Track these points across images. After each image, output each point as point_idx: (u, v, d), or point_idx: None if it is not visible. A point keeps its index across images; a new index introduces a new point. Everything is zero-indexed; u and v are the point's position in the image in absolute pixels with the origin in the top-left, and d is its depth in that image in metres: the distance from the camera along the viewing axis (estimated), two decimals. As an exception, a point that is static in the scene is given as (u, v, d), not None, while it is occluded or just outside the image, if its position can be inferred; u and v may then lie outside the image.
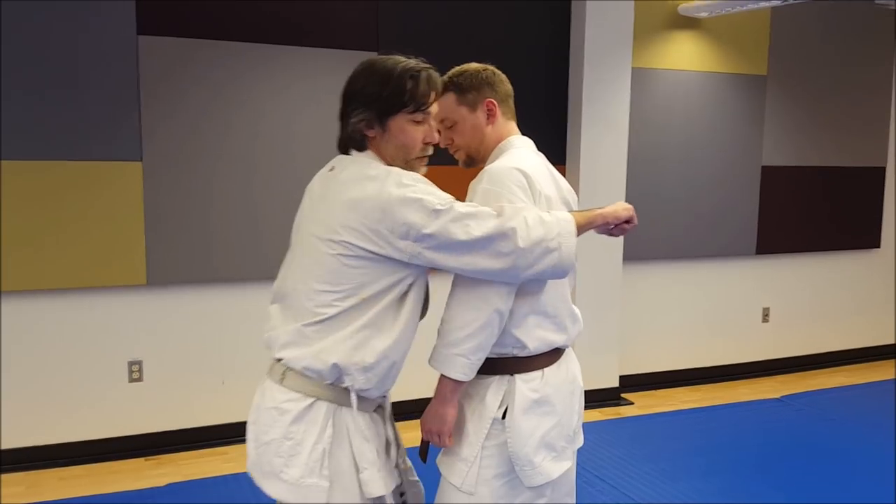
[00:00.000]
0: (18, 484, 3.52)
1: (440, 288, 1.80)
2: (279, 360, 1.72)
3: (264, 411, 1.72)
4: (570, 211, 1.90)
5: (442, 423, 1.81)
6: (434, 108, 1.78)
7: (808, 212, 5.48)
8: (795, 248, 5.51)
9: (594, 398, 4.76)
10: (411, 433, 2.10)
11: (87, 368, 3.79)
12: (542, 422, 1.84)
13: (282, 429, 1.68)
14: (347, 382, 1.68)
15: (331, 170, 1.80)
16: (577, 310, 1.99)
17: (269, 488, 1.70)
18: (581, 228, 1.79)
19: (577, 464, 3.62)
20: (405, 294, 1.71)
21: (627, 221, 1.88)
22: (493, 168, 1.82)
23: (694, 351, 5.30)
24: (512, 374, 1.85)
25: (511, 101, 2.00)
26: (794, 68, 5.28)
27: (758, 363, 5.52)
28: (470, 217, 1.65)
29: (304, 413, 1.68)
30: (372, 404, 1.79)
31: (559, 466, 1.88)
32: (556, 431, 1.87)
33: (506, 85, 1.98)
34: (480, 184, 1.79)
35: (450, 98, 1.93)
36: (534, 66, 4.53)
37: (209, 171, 3.87)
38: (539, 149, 2.00)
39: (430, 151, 1.81)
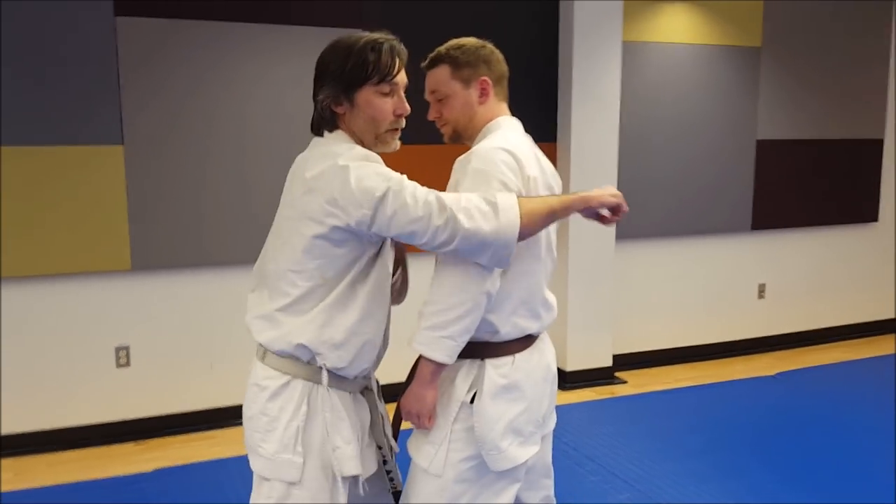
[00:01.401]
0: (7, 470, 3.52)
1: (421, 270, 1.77)
2: (259, 342, 1.78)
3: (249, 388, 1.80)
4: (551, 195, 1.86)
5: (422, 405, 1.80)
6: (400, 79, 1.76)
7: (804, 186, 5.41)
8: (792, 223, 5.44)
9: (587, 377, 4.73)
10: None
11: (74, 354, 3.78)
12: (511, 407, 1.83)
13: (260, 405, 1.74)
14: (320, 361, 1.72)
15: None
16: (551, 298, 1.97)
17: (251, 462, 1.77)
18: (557, 213, 1.76)
19: (566, 444, 3.65)
20: (367, 270, 1.73)
21: (616, 209, 1.81)
22: (481, 148, 1.80)
23: (689, 329, 5.26)
24: (482, 359, 1.84)
25: (505, 83, 1.97)
26: (789, 39, 5.19)
27: (754, 340, 5.48)
28: (418, 189, 1.66)
29: (280, 390, 1.73)
30: (354, 384, 1.81)
31: (525, 451, 1.87)
32: (525, 417, 1.86)
33: (502, 65, 1.95)
34: (469, 164, 1.77)
35: (444, 71, 1.90)
36: (521, 40, 4.45)
37: (192, 153, 3.83)
38: (528, 126, 1.98)
39: (402, 124, 1.80)
